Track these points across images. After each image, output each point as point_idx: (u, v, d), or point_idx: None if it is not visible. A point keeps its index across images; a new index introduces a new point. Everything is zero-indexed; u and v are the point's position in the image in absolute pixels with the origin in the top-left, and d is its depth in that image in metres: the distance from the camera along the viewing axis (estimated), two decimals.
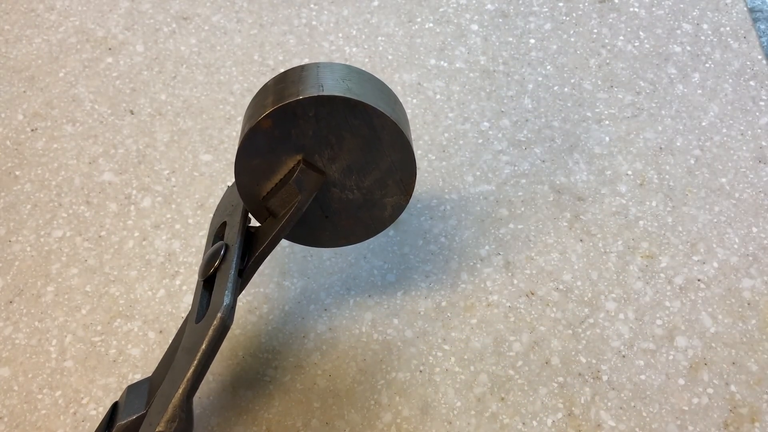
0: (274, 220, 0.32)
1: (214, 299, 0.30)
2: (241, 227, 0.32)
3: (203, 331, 0.29)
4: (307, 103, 0.30)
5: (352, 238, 0.35)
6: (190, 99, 0.47)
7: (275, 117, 0.30)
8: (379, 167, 0.32)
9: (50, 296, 0.38)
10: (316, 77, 0.31)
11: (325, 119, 0.30)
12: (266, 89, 0.32)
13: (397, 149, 0.32)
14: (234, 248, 0.31)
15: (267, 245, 0.32)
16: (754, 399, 0.34)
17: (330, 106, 0.30)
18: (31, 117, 0.46)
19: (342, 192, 0.33)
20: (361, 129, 0.31)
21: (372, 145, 0.31)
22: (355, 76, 0.32)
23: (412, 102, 0.46)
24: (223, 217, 0.35)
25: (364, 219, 0.34)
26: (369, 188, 0.33)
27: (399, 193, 0.33)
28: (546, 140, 0.44)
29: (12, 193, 0.42)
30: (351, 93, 0.30)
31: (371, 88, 0.31)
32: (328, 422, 0.34)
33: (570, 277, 0.38)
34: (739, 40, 0.49)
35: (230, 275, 0.30)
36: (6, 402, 0.35)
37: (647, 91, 0.46)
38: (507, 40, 0.50)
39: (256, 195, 0.33)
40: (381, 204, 0.34)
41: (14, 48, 0.50)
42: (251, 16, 0.51)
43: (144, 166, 0.43)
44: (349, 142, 0.31)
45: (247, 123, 0.31)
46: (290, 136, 0.31)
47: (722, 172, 0.42)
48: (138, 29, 0.51)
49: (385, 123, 0.31)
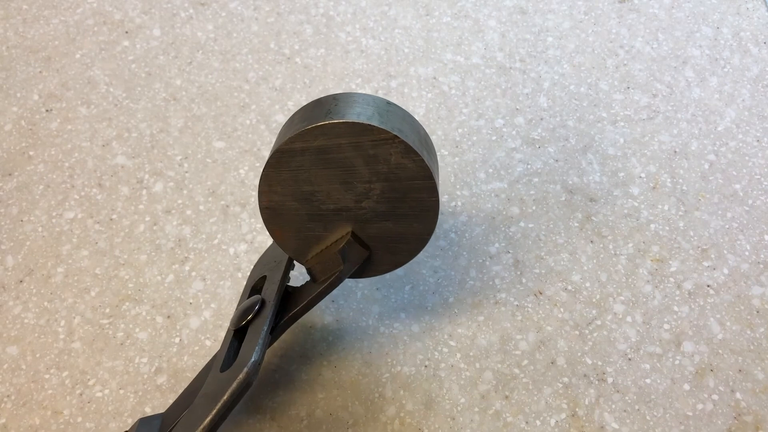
0: (313, 285, 0.33)
1: (243, 353, 0.30)
2: (280, 286, 0.32)
3: (227, 382, 0.28)
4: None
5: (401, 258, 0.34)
6: (205, 85, 0.47)
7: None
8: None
9: (60, 277, 0.38)
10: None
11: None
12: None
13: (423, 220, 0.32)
14: (270, 305, 0.31)
15: (302, 308, 0.32)
16: (760, 407, 0.34)
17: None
18: (47, 98, 0.46)
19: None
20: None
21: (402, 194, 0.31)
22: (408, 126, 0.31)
23: (427, 96, 0.46)
24: (264, 270, 0.35)
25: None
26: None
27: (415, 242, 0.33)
28: (560, 139, 0.44)
29: (25, 173, 0.43)
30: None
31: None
32: (332, 413, 0.34)
33: (579, 277, 0.38)
34: (758, 46, 0.48)
35: (262, 332, 0.30)
36: (13, 380, 0.35)
37: (664, 94, 0.46)
38: (524, 37, 0.49)
39: (301, 254, 0.33)
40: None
41: (31, 28, 0.50)
42: (269, 4, 0.51)
43: (157, 151, 0.44)
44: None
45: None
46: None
47: (736, 178, 0.42)
48: (155, 13, 0.51)
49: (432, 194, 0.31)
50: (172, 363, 0.36)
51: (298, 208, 0.31)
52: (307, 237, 0.32)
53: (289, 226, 0.32)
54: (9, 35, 0.50)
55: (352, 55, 0.48)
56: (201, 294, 0.38)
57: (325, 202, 0.31)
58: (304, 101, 0.46)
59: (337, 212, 0.31)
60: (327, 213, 0.31)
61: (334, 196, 0.31)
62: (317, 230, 0.32)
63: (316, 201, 0.31)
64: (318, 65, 0.48)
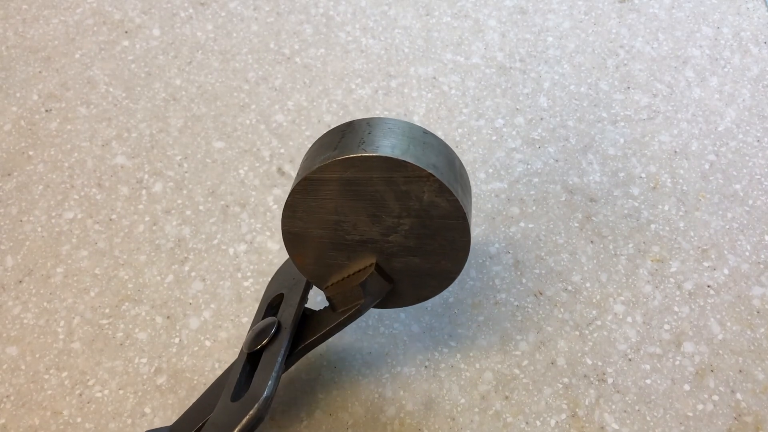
0: (332, 314, 0.31)
1: (256, 385, 0.29)
2: (297, 311, 0.31)
3: (238, 415, 0.28)
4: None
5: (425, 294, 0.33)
6: (204, 85, 0.47)
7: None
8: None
9: (59, 277, 0.38)
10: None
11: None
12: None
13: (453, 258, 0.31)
14: (286, 332, 0.30)
15: (318, 338, 0.31)
16: (760, 408, 0.34)
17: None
18: (46, 98, 0.46)
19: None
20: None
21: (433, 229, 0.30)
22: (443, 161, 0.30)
23: (427, 96, 0.46)
24: (281, 287, 0.34)
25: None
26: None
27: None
28: (560, 139, 0.44)
29: (25, 173, 0.42)
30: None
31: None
32: (332, 413, 0.34)
33: (579, 278, 0.38)
34: (759, 45, 0.48)
35: (277, 362, 0.29)
36: (13, 381, 0.35)
37: (664, 94, 0.46)
38: (525, 37, 0.49)
39: (321, 280, 0.32)
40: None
41: (31, 28, 0.50)
42: (268, 3, 0.51)
43: (156, 151, 0.43)
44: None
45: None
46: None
47: (737, 178, 0.42)
48: (155, 13, 0.51)
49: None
50: (171, 363, 0.36)
51: (321, 236, 0.30)
52: (329, 264, 0.31)
53: (310, 253, 0.31)
54: (8, 35, 0.50)
55: (352, 55, 0.48)
56: (201, 294, 0.38)
57: (351, 233, 0.30)
58: (304, 101, 0.46)
59: (363, 243, 0.30)
60: (352, 243, 0.30)
61: (361, 228, 0.30)
62: (340, 259, 0.31)
63: (342, 231, 0.30)
64: (318, 65, 0.48)
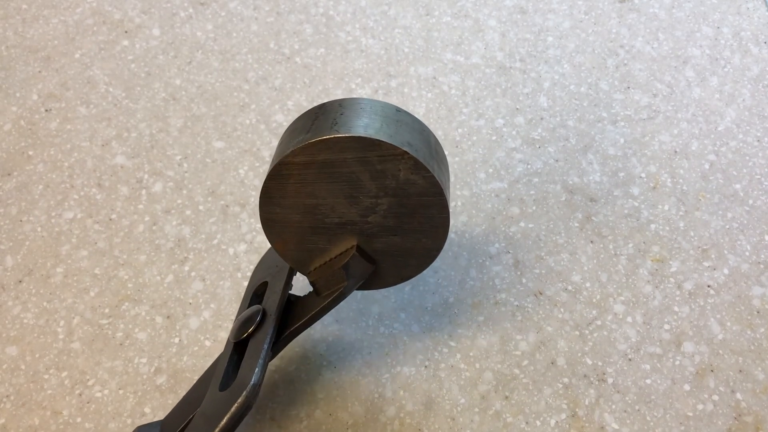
0: (316, 299, 0.31)
1: (243, 373, 0.29)
2: (282, 297, 0.31)
3: (226, 404, 0.28)
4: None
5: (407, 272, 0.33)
6: (204, 85, 0.47)
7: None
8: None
9: (59, 277, 0.38)
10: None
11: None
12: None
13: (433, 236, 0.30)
14: (271, 319, 0.30)
15: (303, 323, 0.31)
16: (760, 407, 0.34)
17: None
18: (46, 97, 0.46)
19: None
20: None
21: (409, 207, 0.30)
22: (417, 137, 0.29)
23: (427, 96, 0.46)
24: (265, 275, 0.34)
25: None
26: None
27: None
28: (560, 139, 0.44)
29: (24, 173, 0.42)
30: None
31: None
32: (332, 413, 0.34)
33: (579, 278, 0.38)
34: (759, 45, 0.48)
35: (263, 350, 0.29)
36: (12, 381, 0.35)
37: (664, 94, 0.46)
38: (525, 36, 0.49)
39: (303, 265, 0.32)
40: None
41: (31, 27, 0.50)
42: (268, 3, 0.51)
43: (156, 151, 0.43)
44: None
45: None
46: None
47: (737, 178, 0.42)
48: (155, 13, 0.51)
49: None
50: (171, 363, 0.36)
51: (300, 220, 0.30)
52: (310, 249, 0.31)
53: (290, 238, 0.31)
54: (8, 35, 0.50)
55: (351, 54, 0.48)
56: (200, 294, 0.38)
57: (329, 216, 0.30)
58: (304, 101, 0.46)
59: (342, 226, 0.30)
60: (331, 226, 0.30)
61: (339, 210, 0.29)
62: (321, 243, 0.31)
63: (320, 214, 0.30)
64: (318, 65, 0.48)
